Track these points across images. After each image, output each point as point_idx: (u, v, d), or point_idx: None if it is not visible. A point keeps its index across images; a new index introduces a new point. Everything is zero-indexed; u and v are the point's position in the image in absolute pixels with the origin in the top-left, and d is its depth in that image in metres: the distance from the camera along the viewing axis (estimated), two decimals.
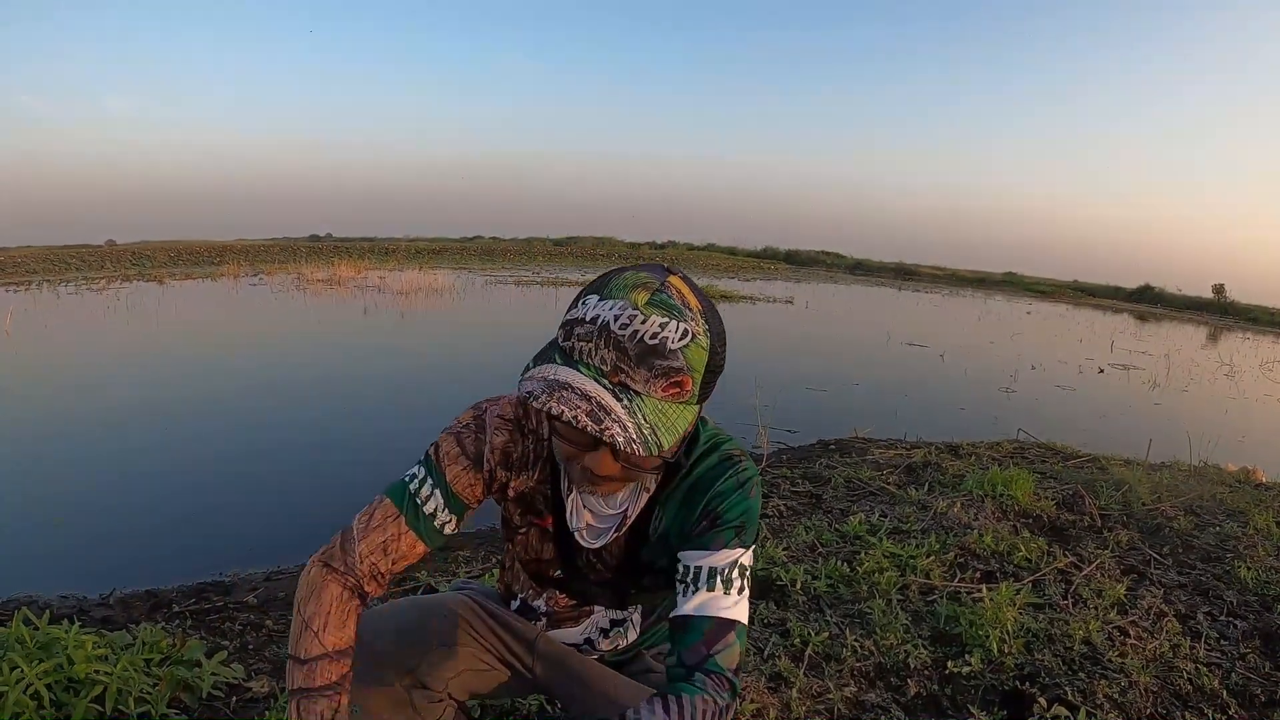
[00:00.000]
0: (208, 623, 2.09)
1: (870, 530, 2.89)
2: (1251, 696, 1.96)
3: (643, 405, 0.66)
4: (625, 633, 1.07)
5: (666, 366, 0.67)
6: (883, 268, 39.06)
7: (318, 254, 20.81)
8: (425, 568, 2.56)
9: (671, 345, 0.66)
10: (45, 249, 19.50)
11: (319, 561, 0.92)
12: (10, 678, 1.33)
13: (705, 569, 0.82)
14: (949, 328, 14.32)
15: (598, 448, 0.73)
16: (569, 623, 1.05)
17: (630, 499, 0.90)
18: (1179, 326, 23.00)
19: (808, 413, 5.71)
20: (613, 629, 1.06)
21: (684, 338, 0.67)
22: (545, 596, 1.05)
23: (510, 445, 0.91)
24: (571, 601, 1.03)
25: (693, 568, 0.82)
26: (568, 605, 1.03)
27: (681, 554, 0.85)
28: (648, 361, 0.66)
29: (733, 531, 0.83)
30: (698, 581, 0.81)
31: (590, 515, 0.92)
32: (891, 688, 1.89)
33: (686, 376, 0.68)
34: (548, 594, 1.05)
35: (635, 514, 0.91)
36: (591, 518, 0.92)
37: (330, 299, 11.83)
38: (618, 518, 0.91)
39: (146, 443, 4.23)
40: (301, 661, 0.83)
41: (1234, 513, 3.57)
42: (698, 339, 0.68)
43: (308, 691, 0.81)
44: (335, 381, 6.14)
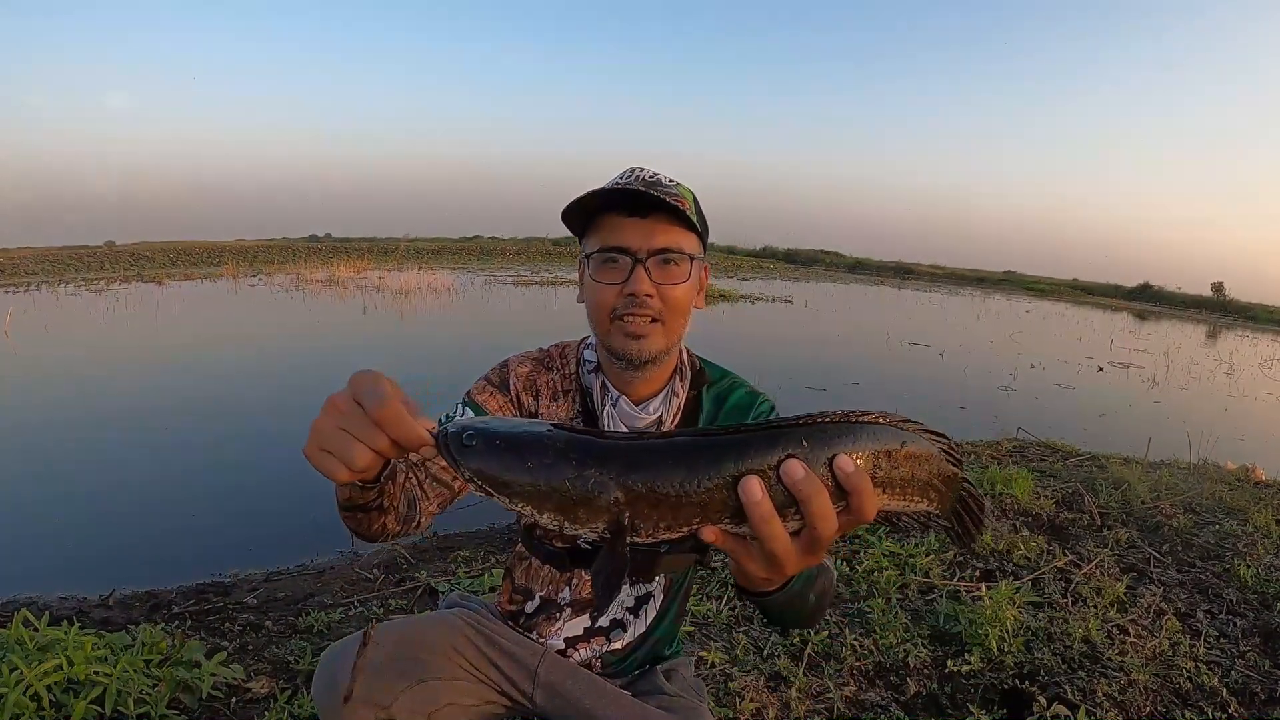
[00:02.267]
0: (207, 623, 2.09)
1: (870, 529, 2.89)
2: (1251, 694, 1.96)
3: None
4: (646, 615, 1.05)
5: (668, 191, 0.90)
6: (882, 267, 39.10)
7: (317, 254, 20.81)
8: (426, 568, 2.56)
9: (666, 182, 0.93)
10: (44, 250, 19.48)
11: None
12: (10, 679, 1.33)
13: None
14: (948, 327, 14.31)
15: (634, 269, 0.89)
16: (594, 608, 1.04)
17: (663, 405, 0.99)
18: (1178, 324, 23.01)
19: (807, 412, 5.70)
20: (638, 607, 1.05)
21: (674, 182, 0.94)
22: (571, 584, 1.03)
23: (534, 374, 1.02)
24: None
25: None
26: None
27: None
28: (653, 187, 0.89)
29: None
30: None
31: (626, 429, 0.97)
32: (891, 686, 1.89)
33: (684, 200, 0.91)
34: (573, 578, 1.03)
35: (670, 422, 0.99)
36: (627, 430, 0.96)
37: (330, 299, 11.83)
38: (652, 426, 0.98)
39: (146, 443, 4.23)
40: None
41: (1233, 511, 3.58)
42: (685, 186, 0.95)
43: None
44: (335, 382, 6.12)
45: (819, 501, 0.51)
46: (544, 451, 0.53)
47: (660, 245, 0.90)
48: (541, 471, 0.52)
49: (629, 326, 0.91)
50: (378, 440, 0.57)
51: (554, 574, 1.05)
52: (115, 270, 15.53)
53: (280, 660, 1.84)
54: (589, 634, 1.06)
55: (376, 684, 0.92)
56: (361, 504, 0.74)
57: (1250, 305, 32.41)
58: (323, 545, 2.89)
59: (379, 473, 0.67)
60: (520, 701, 1.03)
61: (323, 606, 2.21)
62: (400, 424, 0.56)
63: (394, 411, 0.56)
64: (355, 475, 0.60)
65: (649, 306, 0.90)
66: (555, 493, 0.52)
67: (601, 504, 0.52)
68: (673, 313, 0.92)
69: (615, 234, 0.90)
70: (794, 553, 0.54)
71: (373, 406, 0.57)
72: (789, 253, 39.00)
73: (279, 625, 2.09)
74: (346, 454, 0.58)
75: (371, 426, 0.57)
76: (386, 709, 0.92)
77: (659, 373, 0.99)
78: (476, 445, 0.54)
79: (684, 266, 0.92)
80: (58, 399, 5.13)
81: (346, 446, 0.58)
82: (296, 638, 1.99)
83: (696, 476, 0.52)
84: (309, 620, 2.08)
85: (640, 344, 0.91)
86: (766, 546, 0.53)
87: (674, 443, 0.54)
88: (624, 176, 0.93)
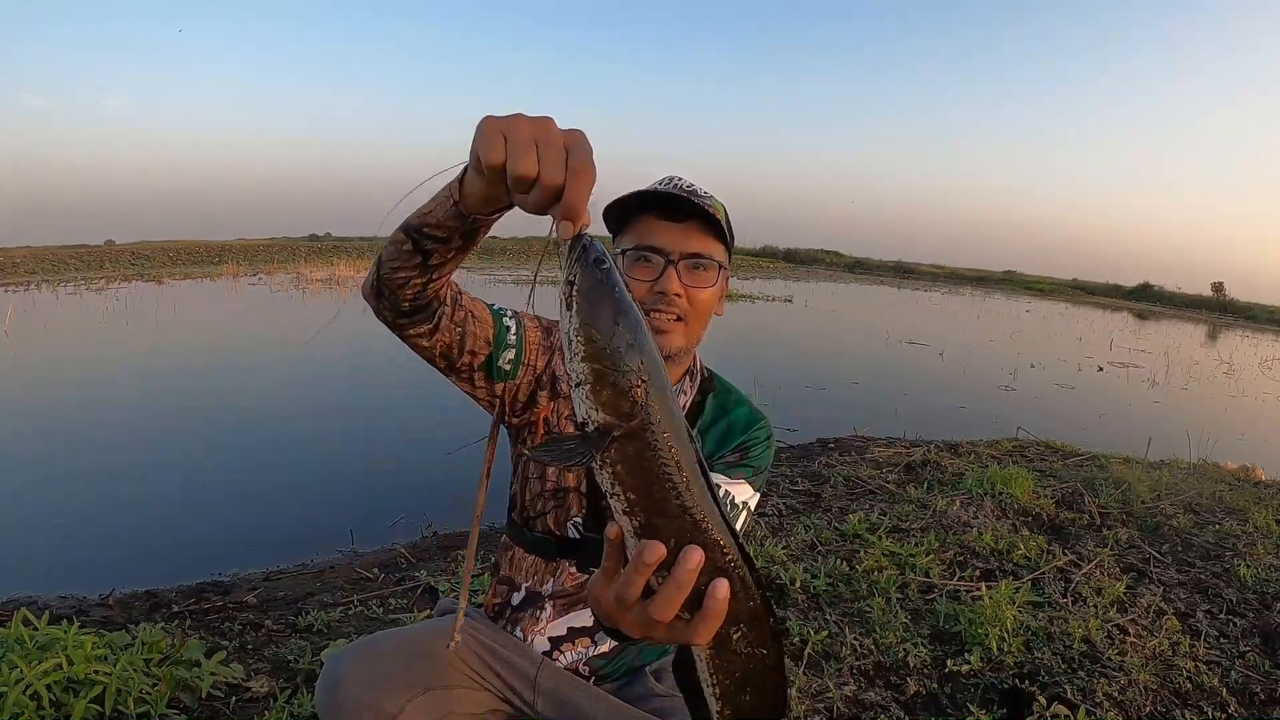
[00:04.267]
0: (207, 623, 2.09)
1: (870, 529, 2.89)
2: (1251, 694, 1.96)
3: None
4: None
5: (703, 200, 0.94)
6: (882, 266, 39.12)
7: (317, 253, 20.82)
8: (425, 567, 2.56)
9: (701, 193, 0.96)
10: (44, 249, 19.48)
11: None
12: (10, 678, 1.33)
13: (722, 491, 0.90)
14: (948, 326, 14.32)
15: (665, 270, 0.92)
16: (579, 605, 1.03)
17: None
18: (1178, 324, 23.03)
19: (807, 411, 5.71)
20: None
21: (709, 195, 0.97)
22: (556, 576, 1.03)
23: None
24: (581, 577, 1.01)
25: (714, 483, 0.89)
26: (577, 581, 1.02)
27: None
28: (693, 196, 0.93)
29: (752, 471, 0.98)
30: None
31: None
32: (891, 686, 1.89)
33: (717, 211, 0.95)
34: (559, 570, 1.02)
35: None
36: None
37: (330, 298, 11.83)
38: None
39: (145, 443, 4.23)
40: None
41: (1233, 511, 3.58)
42: (719, 201, 0.98)
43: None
44: (335, 382, 6.14)
45: (676, 598, 0.51)
46: (636, 331, 0.52)
47: (693, 250, 0.95)
48: (620, 337, 0.51)
49: (653, 321, 0.94)
50: (553, 175, 0.53)
51: (539, 564, 1.05)
52: (115, 269, 15.54)
53: (280, 659, 1.84)
54: (574, 635, 1.05)
55: (384, 694, 0.92)
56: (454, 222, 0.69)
57: (1250, 305, 32.44)
58: (322, 545, 2.89)
59: (497, 213, 0.67)
60: (522, 708, 1.04)
61: (322, 606, 2.21)
62: (584, 185, 0.53)
63: (588, 175, 0.53)
64: (496, 180, 0.57)
65: (675, 305, 0.94)
66: (611, 363, 0.51)
67: (622, 406, 0.51)
68: (696, 314, 0.96)
69: (651, 234, 0.95)
70: (632, 610, 0.53)
71: (577, 157, 0.53)
72: (789, 252, 39.02)
73: (279, 624, 2.09)
74: (519, 153, 0.53)
75: (560, 165, 0.53)
76: (394, 717, 0.92)
77: (674, 370, 1.01)
78: (605, 268, 0.52)
79: (712, 273, 0.97)
80: (58, 398, 5.13)
81: (525, 151, 0.53)
82: (296, 637, 1.99)
83: (688, 482, 0.52)
84: (309, 619, 2.08)
85: (662, 339, 0.94)
86: (622, 589, 0.52)
87: (698, 450, 0.54)
88: (663, 183, 0.97)
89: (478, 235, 0.73)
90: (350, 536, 2.98)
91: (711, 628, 0.52)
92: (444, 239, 0.72)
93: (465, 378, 0.95)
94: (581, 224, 0.54)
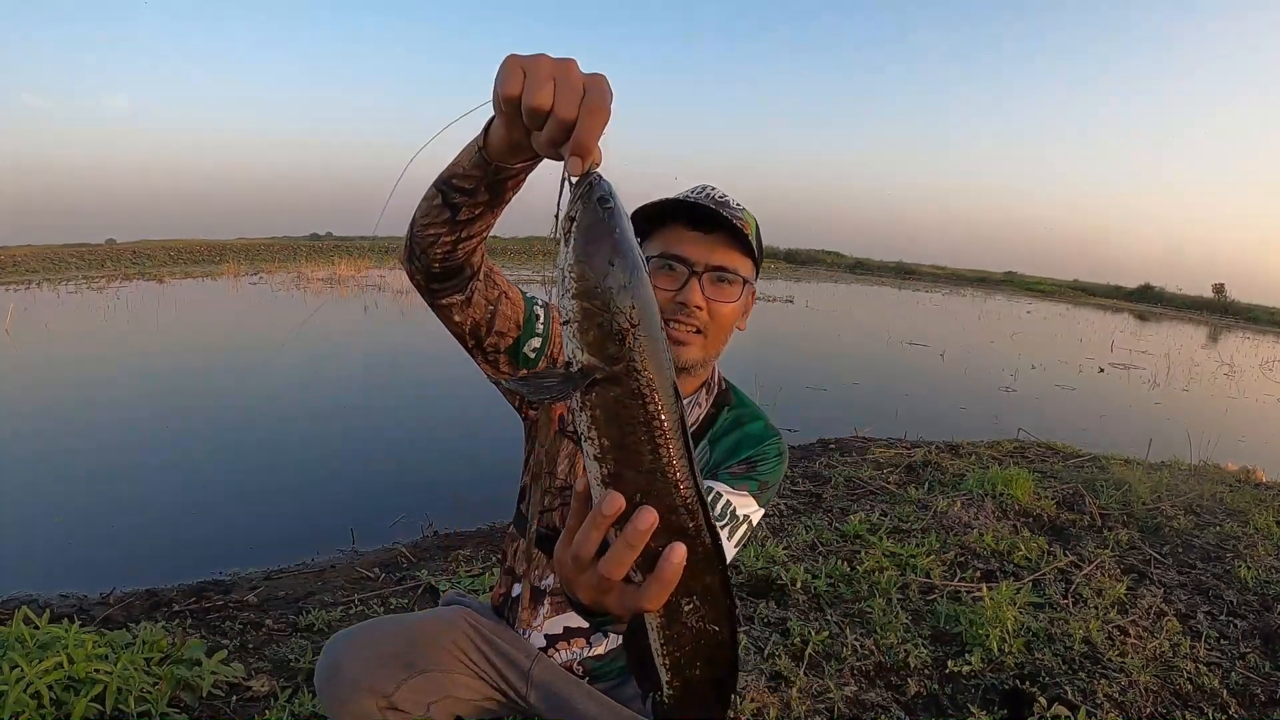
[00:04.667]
0: (208, 622, 2.09)
1: (870, 529, 2.89)
2: (1252, 696, 1.96)
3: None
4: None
5: (734, 213, 0.93)
6: (883, 267, 39.13)
7: (318, 253, 20.83)
8: (426, 567, 2.56)
9: (734, 205, 0.95)
10: (45, 248, 19.51)
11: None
12: (11, 676, 1.33)
13: (724, 500, 0.91)
14: (949, 327, 14.31)
15: (689, 281, 0.91)
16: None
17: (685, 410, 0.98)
18: (1179, 326, 23.01)
19: (808, 411, 5.71)
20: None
21: (741, 206, 0.95)
22: (554, 572, 1.03)
23: None
24: None
25: (715, 493, 0.92)
26: None
27: (707, 480, 0.95)
28: (724, 208, 0.92)
29: (758, 485, 0.97)
30: (713, 508, 0.91)
31: None
32: (891, 687, 1.89)
33: (747, 225, 0.94)
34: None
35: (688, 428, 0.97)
36: None
37: (330, 298, 11.83)
38: None
39: (146, 442, 4.23)
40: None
41: (1234, 512, 3.57)
42: (750, 214, 0.97)
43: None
44: (335, 381, 6.14)
45: (627, 556, 0.50)
46: (632, 274, 0.50)
47: (718, 263, 0.93)
48: (614, 278, 0.50)
49: (672, 332, 0.93)
50: (566, 109, 0.52)
51: (540, 559, 1.06)
52: (116, 268, 15.55)
53: (281, 659, 1.84)
54: (569, 634, 1.07)
55: (381, 673, 0.94)
56: (482, 171, 0.68)
57: (1251, 306, 32.44)
58: (323, 544, 2.90)
59: (521, 164, 0.66)
60: (515, 699, 1.05)
61: (323, 605, 2.21)
62: (597, 122, 0.52)
63: (602, 114, 0.52)
64: (513, 116, 0.56)
65: (696, 318, 0.93)
66: (601, 303, 0.49)
67: (607, 349, 0.50)
68: (717, 328, 0.95)
69: (677, 243, 0.94)
70: (587, 570, 0.52)
71: (593, 95, 0.53)
72: (790, 252, 39.01)
73: (279, 624, 2.08)
74: (535, 86, 0.53)
75: (574, 101, 0.53)
76: (388, 697, 0.94)
77: (690, 381, 1.01)
78: (609, 207, 0.51)
79: (736, 287, 0.95)
80: (59, 397, 5.13)
81: (541, 84, 0.53)
82: (297, 636, 1.99)
83: (665, 437, 0.51)
84: (309, 619, 2.08)
85: (679, 350, 0.94)
86: (579, 545, 0.51)
87: (682, 412, 0.52)
88: (694, 192, 0.95)
89: (504, 191, 0.71)
90: (351, 536, 2.98)
91: (663, 593, 0.50)
92: (470, 190, 0.70)
93: (490, 360, 0.94)
94: (591, 161, 0.53)
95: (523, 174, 0.69)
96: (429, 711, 0.97)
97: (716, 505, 0.92)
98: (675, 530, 0.52)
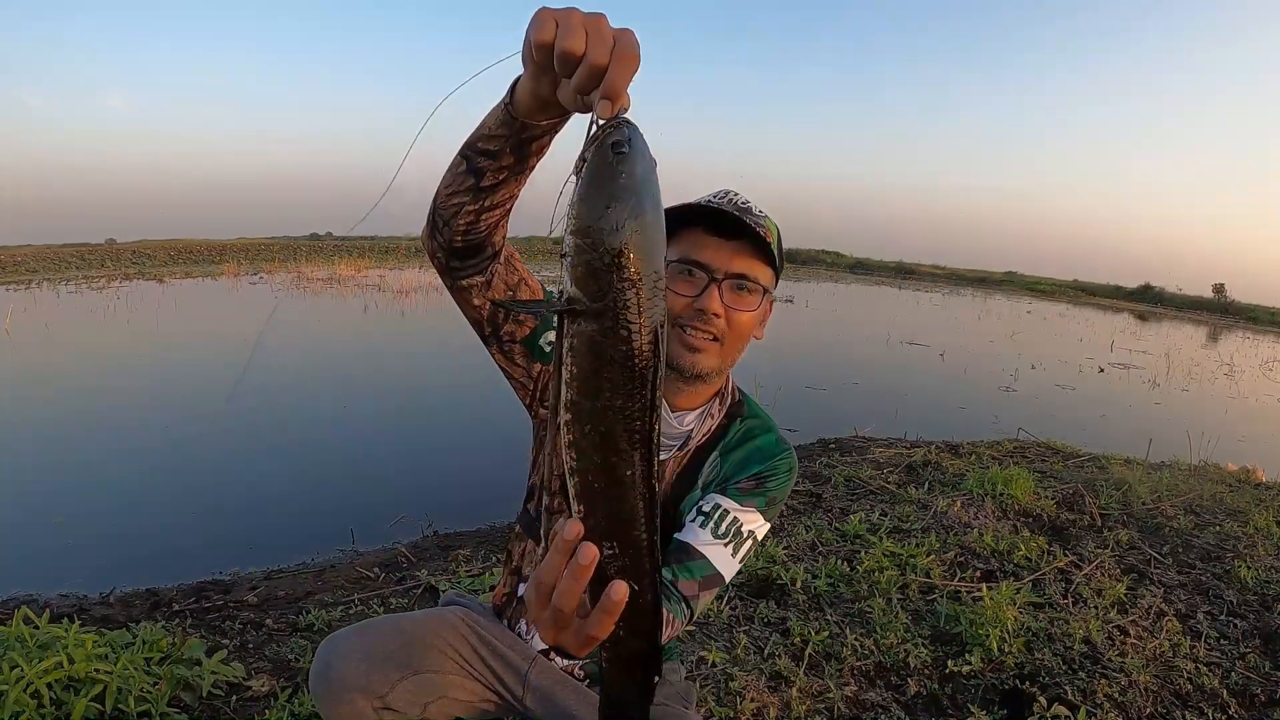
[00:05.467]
0: (208, 621, 2.09)
1: (870, 529, 2.89)
2: (1251, 696, 1.96)
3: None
4: None
5: (756, 221, 0.91)
6: (883, 266, 39.13)
7: (318, 252, 20.82)
8: (426, 567, 2.56)
9: (756, 211, 0.93)
10: (45, 248, 19.50)
11: None
12: (10, 676, 1.33)
13: (731, 518, 0.93)
14: (949, 327, 14.31)
15: (708, 287, 0.90)
16: None
17: (697, 421, 1.00)
18: (1179, 325, 23.01)
19: (808, 412, 5.71)
20: None
21: (763, 213, 0.94)
22: None
23: None
24: None
25: (722, 509, 0.94)
26: None
27: (716, 494, 0.97)
28: (746, 214, 0.91)
29: (766, 502, 0.97)
30: (719, 527, 0.93)
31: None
32: (891, 686, 1.89)
33: (770, 234, 0.93)
34: None
35: (698, 439, 1.00)
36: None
37: (330, 298, 11.83)
38: (681, 437, 0.99)
39: (146, 442, 4.23)
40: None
41: (1234, 512, 3.57)
42: (771, 220, 0.95)
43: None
44: (334, 381, 6.14)
45: (574, 588, 0.53)
46: (634, 219, 0.51)
47: (738, 270, 0.92)
48: (609, 219, 0.51)
49: (689, 338, 0.92)
50: (598, 54, 0.53)
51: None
52: (116, 268, 15.54)
53: (281, 658, 1.84)
54: None
55: (375, 673, 0.94)
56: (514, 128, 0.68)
57: (1251, 306, 32.44)
58: (323, 543, 2.90)
59: (548, 121, 0.65)
60: (512, 702, 1.04)
61: (323, 605, 2.21)
62: (628, 67, 0.53)
63: (633, 60, 0.53)
64: (545, 63, 0.56)
65: (713, 325, 0.92)
66: (592, 242, 0.51)
67: (590, 286, 0.51)
68: (734, 336, 0.94)
69: (697, 249, 0.92)
70: (548, 606, 0.54)
71: (623, 43, 0.53)
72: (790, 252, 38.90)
73: (279, 623, 2.08)
74: (568, 31, 0.53)
75: (606, 47, 0.53)
76: (383, 698, 0.94)
77: (704, 389, 1.00)
78: (620, 152, 0.52)
79: (755, 296, 0.94)
80: (59, 397, 5.13)
81: (574, 30, 0.53)
82: (297, 636, 1.99)
83: (629, 381, 0.53)
84: (309, 618, 2.08)
85: (695, 357, 0.92)
86: (541, 572, 0.54)
87: (659, 360, 0.54)
88: (717, 197, 0.94)
89: (529, 155, 0.70)
90: (351, 536, 2.99)
91: (609, 622, 0.54)
92: (495, 152, 0.70)
93: (505, 350, 0.93)
94: (620, 105, 0.53)
95: (548, 135, 0.69)
96: (424, 712, 0.97)
97: (723, 522, 0.93)
98: (617, 479, 0.55)
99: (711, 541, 0.93)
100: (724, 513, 0.94)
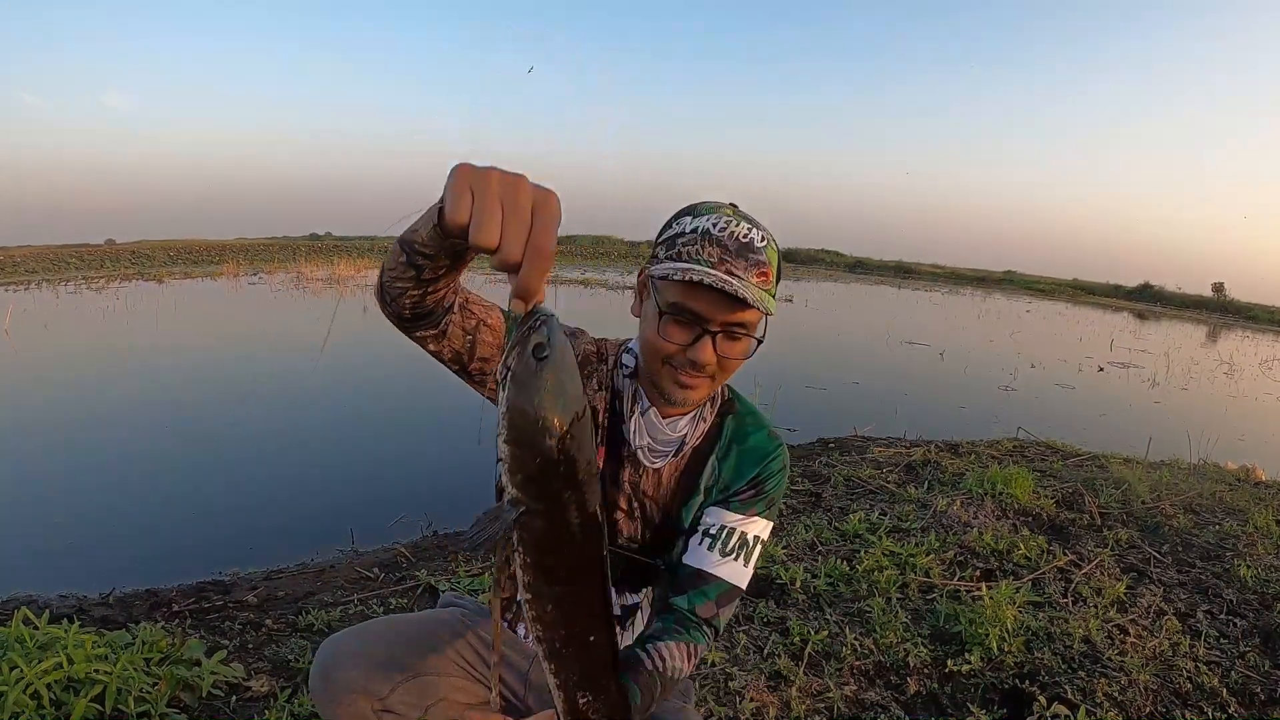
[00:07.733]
0: (207, 622, 2.09)
1: (870, 528, 2.89)
2: (1251, 695, 1.96)
3: (749, 282, 0.85)
4: (630, 629, 1.05)
5: (756, 259, 0.87)
6: (882, 266, 39.10)
7: (317, 253, 20.78)
8: (426, 567, 2.56)
9: (758, 244, 0.88)
10: (45, 248, 19.49)
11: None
12: (10, 677, 1.33)
13: (737, 533, 0.95)
14: (949, 326, 14.31)
15: (700, 338, 0.88)
16: None
17: (690, 426, 0.99)
18: (1179, 325, 23.01)
19: (807, 411, 5.71)
20: (625, 619, 1.05)
21: (764, 240, 0.89)
22: None
23: (591, 355, 1.02)
24: None
25: (727, 527, 0.96)
26: None
27: (717, 509, 0.98)
28: (745, 255, 0.86)
29: (765, 505, 0.99)
30: (727, 544, 0.95)
31: (650, 439, 0.97)
32: (891, 686, 1.89)
33: (770, 269, 0.89)
34: None
35: (692, 442, 1.00)
36: (652, 441, 0.97)
37: (330, 298, 11.82)
38: (676, 443, 0.98)
39: (146, 443, 4.23)
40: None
41: (1234, 511, 3.58)
42: (772, 243, 0.90)
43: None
44: (334, 382, 6.14)
45: None
46: (564, 425, 0.54)
47: (735, 320, 0.89)
48: (541, 429, 0.54)
49: (681, 378, 0.91)
50: (512, 251, 0.52)
51: None
52: (116, 268, 15.53)
53: (280, 659, 1.84)
54: None
55: (375, 675, 0.94)
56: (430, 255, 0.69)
57: (1250, 305, 32.45)
58: (323, 544, 2.90)
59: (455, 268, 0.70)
60: (514, 703, 1.04)
61: (323, 605, 2.21)
62: (541, 267, 0.52)
63: (547, 258, 0.52)
64: (456, 241, 0.56)
65: (704, 371, 0.91)
66: (528, 452, 0.54)
67: (530, 491, 0.55)
68: (725, 373, 0.94)
69: (692, 297, 0.88)
70: None
71: (539, 234, 0.52)
72: (789, 252, 38.96)
73: (279, 624, 2.08)
74: (482, 220, 0.52)
75: (519, 241, 0.52)
76: (383, 700, 0.93)
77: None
78: (543, 357, 0.54)
79: (749, 341, 0.92)
80: (58, 397, 5.13)
81: (489, 217, 0.52)
82: (297, 636, 1.99)
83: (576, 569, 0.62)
84: (309, 619, 2.08)
85: (687, 393, 0.92)
86: None
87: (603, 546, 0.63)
88: (717, 226, 0.88)
89: (467, 257, 0.70)
90: (351, 536, 2.98)
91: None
92: (431, 256, 0.70)
93: (479, 381, 0.93)
94: (535, 302, 0.55)
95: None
96: (425, 715, 0.96)
97: (730, 540, 0.95)
98: (583, 645, 0.64)
99: (721, 560, 0.94)
100: (729, 531, 0.95)
